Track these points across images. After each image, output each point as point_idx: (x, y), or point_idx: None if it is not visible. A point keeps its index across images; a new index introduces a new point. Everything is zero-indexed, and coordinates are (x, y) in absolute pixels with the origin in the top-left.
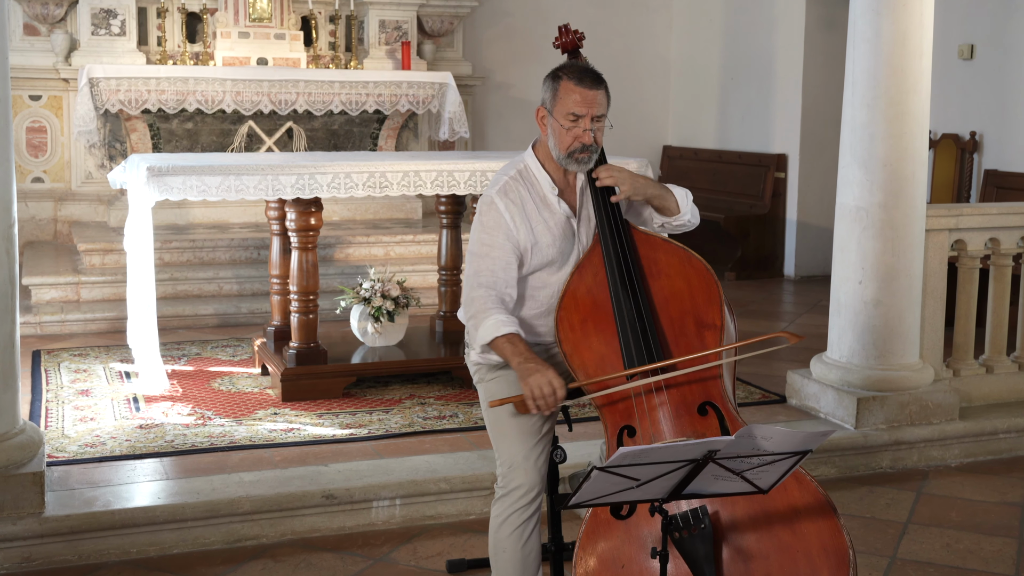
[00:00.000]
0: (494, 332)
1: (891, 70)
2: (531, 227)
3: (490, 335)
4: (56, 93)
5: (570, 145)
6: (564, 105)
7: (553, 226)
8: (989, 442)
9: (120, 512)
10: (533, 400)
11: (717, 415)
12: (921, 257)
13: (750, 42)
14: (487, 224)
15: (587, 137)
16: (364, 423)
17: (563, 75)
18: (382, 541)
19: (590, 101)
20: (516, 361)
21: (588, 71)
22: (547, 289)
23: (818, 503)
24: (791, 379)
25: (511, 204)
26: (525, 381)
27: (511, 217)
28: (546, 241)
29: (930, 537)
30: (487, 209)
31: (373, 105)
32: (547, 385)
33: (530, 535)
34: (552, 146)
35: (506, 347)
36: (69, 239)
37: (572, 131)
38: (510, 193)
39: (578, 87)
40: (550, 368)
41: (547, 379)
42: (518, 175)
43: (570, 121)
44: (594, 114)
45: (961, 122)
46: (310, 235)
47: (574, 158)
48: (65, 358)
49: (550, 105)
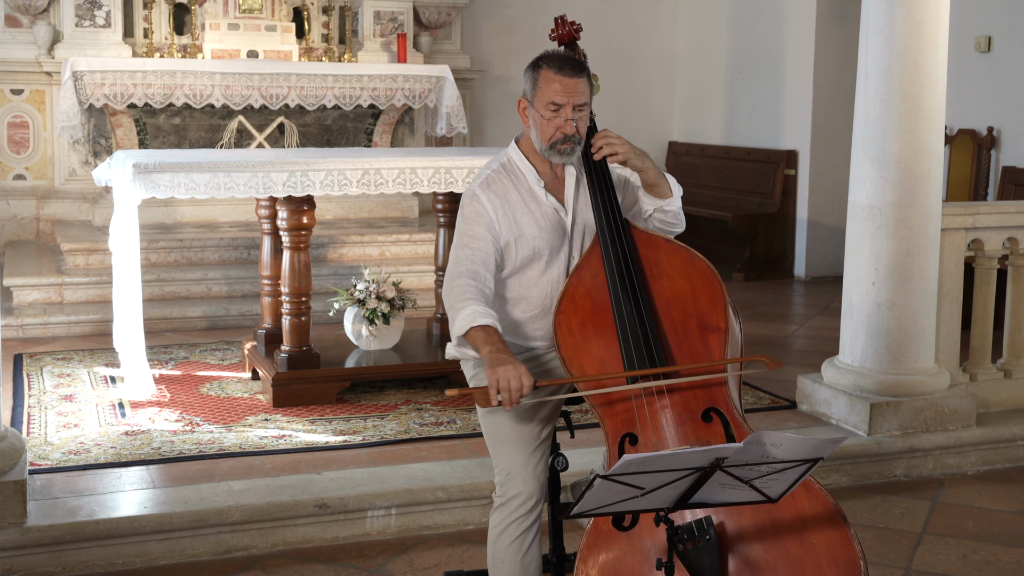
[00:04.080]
0: (469, 322)
1: (905, 63)
2: (515, 219)
3: (465, 325)
4: (39, 87)
5: (552, 136)
6: (544, 94)
7: (540, 217)
8: (1007, 449)
9: (105, 522)
10: (496, 390)
11: (722, 422)
12: (936, 257)
13: (759, 34)
14: (468, 216)
15: (569, 127)
16: (358, 429)
17: (543, 64)
18: (377, 552)
19: (571, 89)
20: (486, 350)
21: (568, 59)
22: (540, 288)
23: (827, 512)
24: (801, 384)
25: (494, 196)
26: (492, 370)
27: (493, 209)
28: (532, 232)
29: (946, 548)
30: (469, 201)
31: (368, 99)
32: (515, 378)
33: (530, 545)
34: (535, 138)
35: (479, 336)
36: (52, 238)
37: (553, 121)
38: (493, 186)
39: (558, 75)
40: (522, 364)
41: (517, 372)
42: (501, 168)
43: (551, 111)
44: (575, 103)
45: (978, 117)
46: (302, 234)
47: (556, 149)
48: (48, 362)
49: (531, 95)
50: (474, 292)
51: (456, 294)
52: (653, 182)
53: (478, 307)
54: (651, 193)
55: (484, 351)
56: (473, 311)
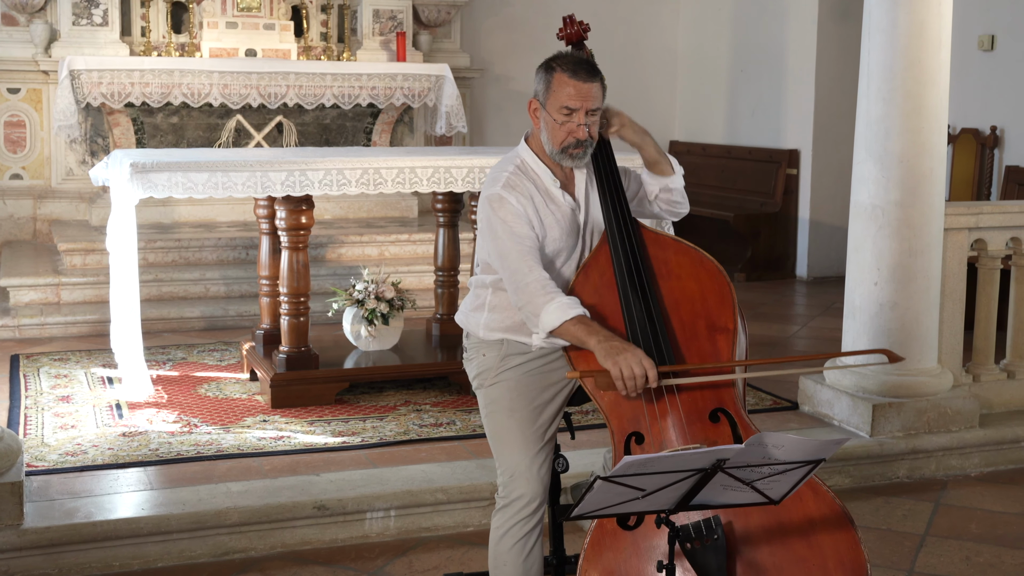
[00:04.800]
0: (563, 315)
1: (908, 62)
2: (541, 220)
3: (559, 319)
4: (35, 86)
5: (563, 140)
6: (557, 98)
7: (560, 218)
8: (1011, 451)
9: (102, 524)
10: (622, 380)
11: (729, 422)
12: (939, 257)
13: (761, 32)
14: (507, 218)
15: (581, 132)
16: (357, 431)
17: (556, 66)
18: (376, 554)
19: (584, 94)
20: (596, 340)
21: (583, 62)
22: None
23: (835, 515)
24: (803, 385)
25: (522, 197)
26: (614, 360)
27: (524, 209)
28: (555, 235)
29: (949, 550)
30: (499, 204)
31: (367, 98)
32: (639, 365)
33: (532, 548)
34: (545, 140)
35: (579, 328)
36: (49, 238)
37: (566, 125)
38: (517, 187)
39: (572, 79)
40: (639, 348)
41: (638, 358)
42: (517, 169)
43: (563, 115)
44: (589, 108)
45: (981, 116)
46: (301, 234)
47: (568, 153)
48: (45, 363)
49: (543, 97)
50: (554, 285)
51: (535, 288)
52: (654, 160)
53: (564, 298)
54: (653, 171)
55: (592, 341)
56: (562, 302)
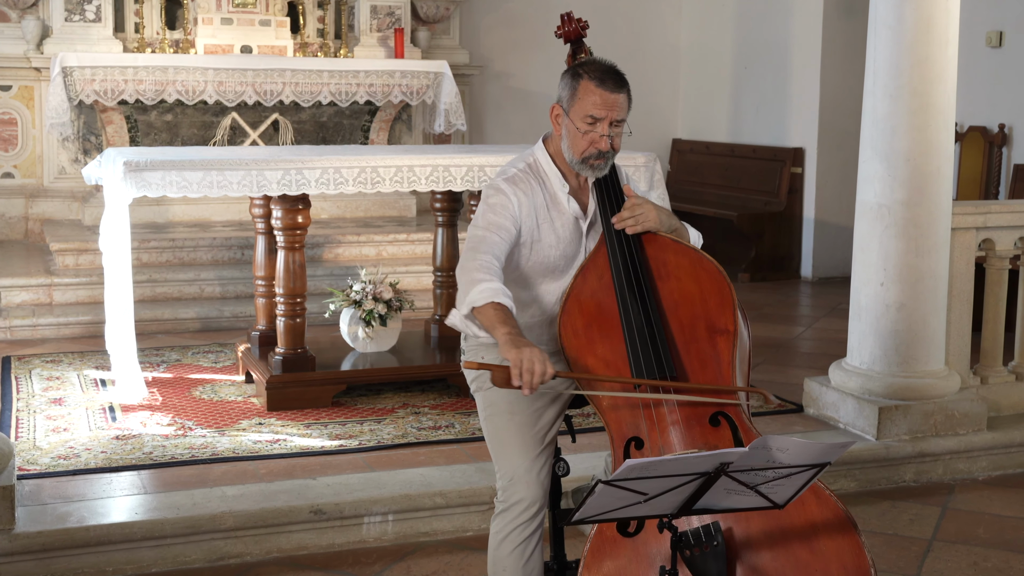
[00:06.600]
0: (490, 296)
1: (914, 59)
2: (536, 223)
3: (485, 298)
4: (27, 83)
5: (585, 150)
6: (582, 106)
7: (560, 227)
8: (1019, 454)
9: (95, 528)
10: (519, 370)
11: (730, 426)
12: (947, 257)
13: (765, 29)
14: (495, 206)
15: (604, 143)
16: (354, 434)
17: (584, 73)
18: (374, 559)
19: (611, 104)
20: (504, 331)
21: (611, 71)
22: (552, 295)
23: (838, 519)
24: (808, 387)
25: (521, 194)
26: (517, 351)
27: (518, 206)
28: (549, 242)
29: (956, 555)
30: (494, 193)
31: (364, 96)
32: (539, 362)
33: (532, 553)
34: (565, 148)
35: (496, 315)
36: (41, 238)
37: (588, 135)
38: (520, 184)
39: (599, 88)
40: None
41: (540, 356)
42: (528, 168)
43: (587, 124)
44: (614, 118)
45: (989, 114)
46: (297, 234)
47: (588, 164)
48: (37, 365)
49: (567, 104)
50: (498, 273)
51: (476, 265)
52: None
53: (499, 286)
54: None
55: (501, 331)
56: (495, 287)
